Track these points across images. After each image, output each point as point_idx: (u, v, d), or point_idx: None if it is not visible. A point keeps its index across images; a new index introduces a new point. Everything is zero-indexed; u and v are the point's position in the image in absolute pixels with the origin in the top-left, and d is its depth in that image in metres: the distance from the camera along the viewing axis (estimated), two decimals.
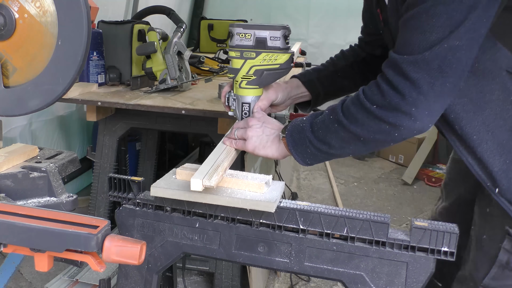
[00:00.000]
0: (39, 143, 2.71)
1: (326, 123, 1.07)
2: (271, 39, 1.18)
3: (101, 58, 2.24)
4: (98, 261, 0.91)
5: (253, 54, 1.20)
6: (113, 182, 1.20)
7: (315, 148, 1.09)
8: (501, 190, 1.04)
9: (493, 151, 1.03)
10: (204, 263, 2.19)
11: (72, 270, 2.19)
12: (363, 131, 1.02)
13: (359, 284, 1.05)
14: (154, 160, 2.97)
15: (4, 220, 0.90)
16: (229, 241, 1.12)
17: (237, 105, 1.28)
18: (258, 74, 1.21)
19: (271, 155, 1.19)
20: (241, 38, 1.20)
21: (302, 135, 1.10)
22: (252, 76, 1.22)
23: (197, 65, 2.77)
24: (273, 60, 1.20)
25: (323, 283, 2.44)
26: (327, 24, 5.10)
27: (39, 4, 1.23)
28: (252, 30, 1.18)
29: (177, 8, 4.58)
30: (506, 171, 1.03)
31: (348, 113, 1.03)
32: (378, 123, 0.99)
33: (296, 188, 3.76)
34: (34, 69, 1.27)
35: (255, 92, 1.26)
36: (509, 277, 1.11)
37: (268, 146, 1.18)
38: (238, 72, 1.23)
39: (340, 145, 1.07)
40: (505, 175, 1.03)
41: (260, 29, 1.18)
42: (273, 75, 1.23)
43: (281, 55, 1.20)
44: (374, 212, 1.06)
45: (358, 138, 1.03)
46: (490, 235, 1.12)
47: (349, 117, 1.03)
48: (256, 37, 1.18)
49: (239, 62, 1.22)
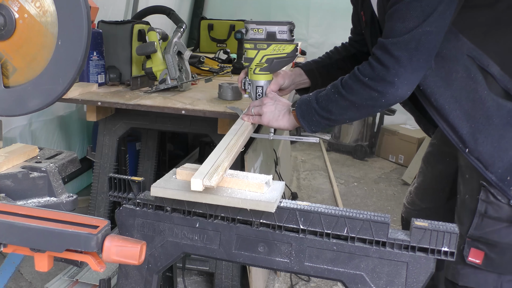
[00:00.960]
0: (39, 143, 2.71)
1: (329, 95, 1.33)
2: (279, 33, 1.45)
3: (101, 58, 2.24)
4: (98, 261, 0.91)
5: (265, 46, 1.46)
6: (113, 182, 1.20)
7: (319, 116, 1.35)
8: (470, 149, 1.29)
9: (461, 117, 1.29)
10: (204, 263, 2.19)
11: (72, 270, 2.19)
12: (357, 98, 1.28)
13: (359, 284, 1.05)
14: (154, 160, 2.97)
15: (4, 220, 0.90)
16: (229, 241, 1.12)
17: (251, 88, 1.54)
18: (269, 62, 1.48)
19: (282, 126, 1.44)
20: (255, 32, 1.46)
21: (308, 106, 1.36)
22: (264, 64, 1.49)
23: (197, 65, 2.77)
24: (281, 50, 1.46)
25: (323, 283, 2.44)
26: (327, 24, 5.11)
27: (39, 4, 1.23)
28: (264, 26, 1.45)
29: (177, 8, 4.58)
30: (472, 133, 1.28)
31: (346, 86, 1.30)
32: (369, 91, 1.26)
33: (296, 188, 3.76)
34: (34, 69, 1.27)
35: (266, 77, 1.52)
36: (488, 224, 1.30)
37: (280, 119, 1.43)
38: (252, 61, 1.49)
39: (339, 112, 1.33)
40: (472, 137, 1.28)
41: (270, 25, 1.44)
42: (282, 63, 1.48)
43: (287, 46, 1.46)
44: (374, 212, 1.06)
45: (354, 104, 1.30)
46: (470, 193, 1.34)
47: (346, 89, 1.30)
48: (267, 31, 1.45)
49: (253, 52, 1.48)
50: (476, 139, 1.28)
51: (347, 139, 4.74)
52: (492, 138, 1.27)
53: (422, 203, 1.72)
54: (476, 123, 1.28)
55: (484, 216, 1.30)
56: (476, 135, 1.28)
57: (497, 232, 1.30)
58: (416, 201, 1.74)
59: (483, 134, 1.28)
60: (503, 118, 1.25)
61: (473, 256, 1.33)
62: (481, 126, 1.28)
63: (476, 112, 1.28)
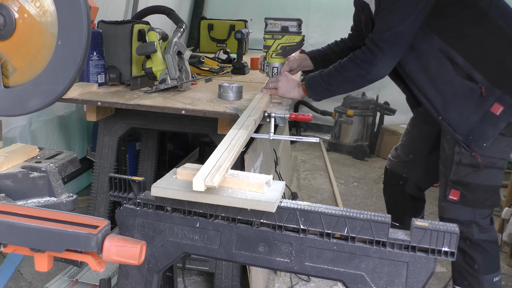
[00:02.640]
0: (39, 143, 2.71)
1: (330, 72, 1.81)
2: (291, 27, 1.98)
3: (101, 58, 2.24)
4: (98, 261, 0.91)
5: (280, 36, 1.99)
6: (113, 182, 1.19)
7: (322, 87, 1.83)
8: (442, 117, 1.77)
9: (435, 94, 1.76)
10: (204, 263, 2.19)
11: (72, 270, 2.19)
12: (350, 75, 1.76)
13: (360, 284, 1.05)
14: (154, 160, 2.97)
15: (4, 220, 0.90)
16: (230, 241, 1.11)
17: (269, 69, 2.05)
18: (283, 49, 2.00)
19: (293, 96, 1.94)
20: (272, 26, 1.99)
21: (314, 80, 1.85)
22: (279, 50, 2.01)
23: (197, 65, 2.77)
24: (292, 40, 1.99)
25: (323, 283, 2.44)
26: (327, 24, 5.11)
27: (39, 4, 1.23)
28: (279, 21, 1.98)
29: (177, 8, 4.58)
30: (443, 105, 1.75)
31: (343, 65, 1.78)
32: (359, 70, 1.74)
33: (296, 188, 3.76)
34: (34, 69, 1.26)
35: (280, 60, 2.04)
36: (462, 170, 1.77)
37: (292, 91, 1.92)
38: (270, 48, 2.01)
39: (337, 84, 1.81)
40: (443, 108, 1.76)
41: (284, 21, 1.98)
42: (292, 49, 2.02)
43: (297, 37, 1.99)
44: (374, 212, 1.06)
45: (348, 79, 1.78)
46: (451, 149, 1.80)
47: (343, 67, 1.77)
48: (281, 25, 1.98)
49: (271, 41, 2.01)
50: (446, 110, 1.75)
51: (347, 139, 4.74)
52: (457, 109, 1.73)
53: (406, 156, 2.14)
54: (446, 98, 1.74)
55: (459, 164, 1.77)
56: (446, 106, 1.75)
57: (468, 176, 1.76)
58: (401, 155, 2.17)
59: (451, 106, 1.74)
60: (465, 94, 1.71)
61: (452, 195, 1.80)
62: (449, 100, 1.74)
63: (446, 89, 1.74)
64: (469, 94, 1.70)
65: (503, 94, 1.67)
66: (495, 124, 1.69)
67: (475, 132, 1.71)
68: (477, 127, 1.70)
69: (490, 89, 1.67)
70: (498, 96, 1.67)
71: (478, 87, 1.68)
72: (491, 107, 1.68)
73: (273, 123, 1.72)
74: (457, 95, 1.71)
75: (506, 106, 1.67)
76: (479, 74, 1.68)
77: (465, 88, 1.70)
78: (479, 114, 1.70)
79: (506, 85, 1.67)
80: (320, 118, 5.31)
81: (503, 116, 1.67)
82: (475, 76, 1.68)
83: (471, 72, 1.69)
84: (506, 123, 1.70)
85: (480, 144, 1.71)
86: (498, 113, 1.67)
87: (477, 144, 1.71)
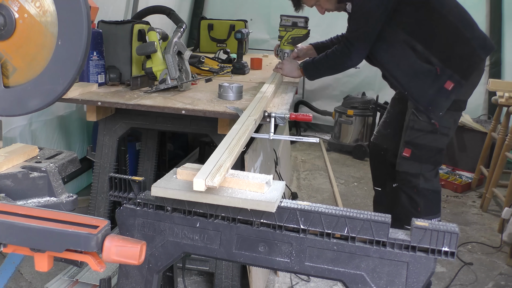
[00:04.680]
0: (39, 143, 2.71)
1: (320, 58, 2.36)
2: (299, 22, 2.62)
3: (101, 58, 2.24)
4: (98, 261, 0.91)
5: (291, 29, 2.62)
6: (113, 181, 1.19)
7: (313, 70, 2.40)
8: (408, 92, 2.21)
9: (401, 75, 2.21)
10: (204, 263, 2.19)
11: (72, 270, 2.19)
12: (332, 62, 2.31)
13: (360, 284, 1.05)
14: (154, 160, 2.97)
15: (4, 220, 0.90)
16: (230, 241, 1.11)
17: (281, 54, 2.67)
18: (292, 39, 2.64)
19: (294, 75, 2.49)
20: (285, 21, 2.63)
21: (309, 64, 2.40)
22: (289, 40, 2.64)
23: (197, 65, 2.77)
24: (300, 32, 2.63)
25: (323, 283, 2.44)
26: (327, 24, 5.09)
27: (39, 4, 1.23)
28: (291, 18, 2.63)
29: (177, 8, 4.58)
30: (407, 83, 2.19)
31: (329, 55, 2.30)
32: (339, 59, 2.27)
33: (296, 188, 3.76)
34: (34, 69, 1.26)
35: (290, 48, 2.67)
36: (413, 133, 2.23)
37: (293, 71, 2.48)
38: (283, 38, 2.64)
39: (324, 69, 2.38)
40: (407, 85, 2.19)
41: (294, 18, 2.62)
42: (299, 40, 2.67)
43: (303, 30, 2.63)
44: (374, 212, 1.06)
45: (331, 65, 2.35)
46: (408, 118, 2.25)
47: (328, 56, 2.30)
48: (292, 21, 2.63)
49: (284, 33, 2.63)
50: (410, 86, 2.19)
51: (347, 139, 4.74)
52: (418, 85, 2.16)
53: (385, 131, 2.56)
54: (409, 77, 2.19)
55: (412, 129, 2.24)
56: (410, 84, 2.19)
57: (418, 138, 2.22)
58: (381, 130, 2.59)
59: (413, 83, 2.18)
60: (424, 73, 2.14)
61: (405, 152, 2.26)
62: (412, 78, 2.18)
63: (409, 71, 2.18)
64: (427, 74, 2.14)
65: (453, 73, 2.11)
66: (447, 96, 2.13)
67: (433, 103, 2.15)
68: (434, 99, 2.14)
69: (443, 69, 2.11)
70: (449, 75, 2.11)
71: (434, 68, 2.12)
72: (444, 83, 2.12)
73: (273, 123, 1.72)
74: (418, 75, 2.16)
75: (455, 83, 2.11)
76: (435, 58, 2.12)
77: (424, 69, 2.14)
78: (435, 89, 2.13)
79: (455, 66, 2.12)
80: (320, 118, 5.31)
81: (454, 90, 2.12)
82: (431, 60, 2.12)
83: (428, 57, 2.13)
84: (455, 97, 2.14)
85: (437, 113, 2.15)
86: (450, 88, 2.12)
87: (435, 113, 2.15)
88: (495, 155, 3.48)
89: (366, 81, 5.02)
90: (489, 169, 3.59)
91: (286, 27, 2.61)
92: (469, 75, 2.14)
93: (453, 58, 2.13)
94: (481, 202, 3.58)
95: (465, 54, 2.14)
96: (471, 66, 2.15)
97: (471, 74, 2.15)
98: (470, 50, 2.14)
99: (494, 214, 3.45)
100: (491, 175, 3.42)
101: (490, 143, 3.73)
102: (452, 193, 3.85)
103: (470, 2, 4.63)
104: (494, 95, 3.51)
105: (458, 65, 2.13)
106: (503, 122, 3.43)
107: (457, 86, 2.11)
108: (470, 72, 2.15)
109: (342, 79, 5.24)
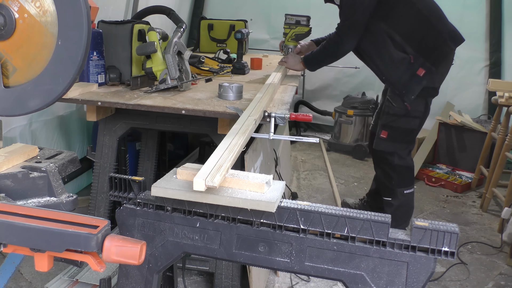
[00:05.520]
0: (39, 143, 2.71)
1: (318, 49, 2.66)
2: (302, 21, 2.94)
3: (101, 58, 2.24)
4: (98, 261, 0.91)
5: (294, 27, 2.94)
6: (113, 181, 1.19)
7: (313, 61, 2.67)
8: (385, 77, 2.58)
9: (380, 62, 2.56)
10: (204, 263, 2.19)
11: (72, 270, 2.19)
12: (328, 51, 2.61)
13: (360, 284, 1.05)
14: (154, 160, 2.96)
15: (4, 220, 0.90)
16: (230, 241, 1.11)
17: (285, 49, 3.01)
18: (296, 35, 2.96)
19: (296, 68, 2.78)
20: (290, 19, 2.95)
21: (309, 57, 2.68)
22: (293, 36, 2.97)
23: (197, 65, 2.77)
24: (302, 30, 2.94)
25: (323, 283, 2.44)
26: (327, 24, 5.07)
27: (39, 4, 1.23)
28: (294, 17, 2.94)
29: (177, 8, 4.58)
30: (386, 69, 2.54)
31: (324, 45, 2.62)
32: (332, 47, 2.59)
33: (296, 188, 3.76)
34: (34, 69, 1.26)
35: (293, 43, 3.00)
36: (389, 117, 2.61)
37: (296, 65, 2.76)
38: (287, 35, 2.97)
39: (322, 57, 2.65)
40: (385, 71, 2.55)
41: (297, 16, 2.94)
42: (302, 36, 2.99)
43: (305, 28, 2.95)
44: (374, 212, 1.06)
45: (327, 54, 2.63)
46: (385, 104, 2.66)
47: (324, 46, 2.61)
48: (295, 20, 2.94)
49: (288, 30, 2.96)
50: (387, 72, 2.56)
51: (347, 139, 4.74)
52: (394, 71, 2.51)
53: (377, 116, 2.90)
54: (387, 64, 2.53)
55: (387, 114, 2.63)
56: (387, 70, 2.55)
57: (392, 121, 2.61)
58: (376, 119, 2.89)
59: (390, 70, 2.53)
60: (400, 61, 2.48)
61: (383, 134, 2.65)
62: (389, 66, 2.53)
63: (387, 58, 2.52)
64: (402, 61, 2.47)
65: (425, 61, 2.43)
66: (419, 82, 2.45)
67: (406, 87, 2.48)
68: (407, 84, 2.47)
69: (416, 58, 2.43)
70: (421, 63, 2.43)
71: (408, 57, 2.45)
72: (417, 70, 2.44)
73: (273, 123, 1.72)
74: (394, 62, 2.49)
75: (426, 70, 2.44)
76: (410, 48, 2.44)
77: (399, 57, 2.47)
78: (409, 75, 2.46)
79: (427, 55, 2.44)
80: (320, 118, 5.31)
81: (425, 77, 2.44)
82: (406, 49, 2.45)
83: (404, 46, 2.46)
84: (426, 82, 2.46)
85: (409, 96, 2.48)
86: (422, 75, 2.44)
87: (408, 96, 2.49)
88: (495, 155, 3.48)
89: (366, 81, 5.02)
90: (489, 169, 3.58)
91: (290, 25, 2.93)
92: (438, 63, 2.46)
93: (425, 48, 2.44)
94: (481, 202, 3.58)
95: (436, 45, 2.46)
96: (441, 55, 2.48)
97: (440, 63, 2.47)
98: (441, 42, 2.46)
99: (494, 214, 3.45)
100: (491, 175, 3.42)
101: (490, 143, 3.73)
102: (452, 193, 3.85)
103: (470, 2, 4.65)
104: (494, 95, 3.51)
105: (429, 54, 2.44)
106: (503, 122, 3.43)
107: (428, 73, 2.43)
108: (439, 61, 2.47)
109: (342, 79, 5.24)
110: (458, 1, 4.63)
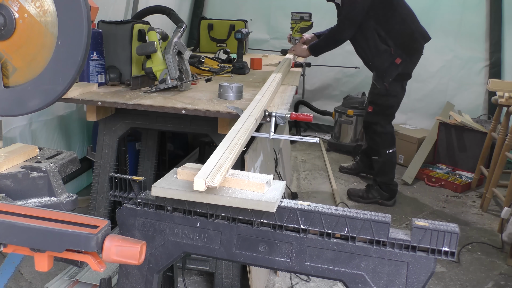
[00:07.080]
0: (39, 143, 2.71)
1: (321, 38, 3.53)
2: (305, 17, 3.66)
3: (101, 58, 2.24)
4: (98, 261, 0.90)
5: (299, 22, 3.66)
6: (114, 181, 1.19)
7: (316, 48, 3.45)
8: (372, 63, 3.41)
9: (368, 53, 3.36)
10: (204, 263, 2.19)
11: (72, 270, 2.19)
12: (330, 39, 3.45)
13: (360, 284, 1.05)
14: (154, 160, 2.96)
15: (4, 220, 0.90)
16: (230, 241, 1.11)
17: (293, 40, 3.69)
18: (301, 29, 3.66)
19: (303, 55, 3.48)
20: (295, 16, 3.65)
21: (313, 45, 3.47)
22: (298, 29, 3.67)
23: (197, 65, 2.77)
24: (306, 24, 3.65)
25: (323, 283, 2.44)
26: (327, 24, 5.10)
27: (39, 4, 1.23)
28: (299, 14, 3.66)
29: (177, 8, 4.58)
30: (371, 58, 3.36)
31: (326, 34, 3.54)
32: (334, 35, 3.43)
33: (296, 188, 3.76)
34: (34, 69, 1.26)
35: (299, 35, 3.68)
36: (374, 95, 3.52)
37: (302, 52, 3.46)
38: (294, 29, 3.66)
39: (325, 44, 3.45)
40: (371, 60, 3.38)
41: (301, 13, 3.66)
42: (306, 29, 3.68)
43: (308, 22, 3.66)
44: (374, 212, 1.06)
45: (330, 41, 3.44)
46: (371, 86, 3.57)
47: (327, 34, 3.50)
48: (300, 16, 3.65)
49: (294, 25, 3.66)
50: (373, 60, 3.33)
51: (347, 139, 4.74)
52: (378, 60, 3.30)
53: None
54: (373, 53, 3.30)
55: (372, 93, 3.50)
56: (373, 58, 3.32)
57: (376, 99, 3.44)
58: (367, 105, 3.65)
59: (375, 59, 3.31)
60: (383, 52, 3.25)
61: (369, 109, 3.47)
62: (375, 55, 3.30)
63: (373, 49, 3.28)
64: (385, 52, 3.25)
65: (402, 53, 3.23)
66: (396, 68, 3.26)
67: (386, 72, 3.28)
68: (387, 69, 3.28)
69: (396, 49, 3.22)
70: (399, 54, 3.22)
71: (389, 49, 3.23)
72: (395, 59, 3.23)
73: (274, 123, 1.72)
74: (379, 53, 3.27)
75: (402, 59, 3.23)
76: (391, 41, 3.22)
77: (383, 48, 3.25)
78: (389, 62, 3.25)
79: (403, 48, 3.23)
80: (320, 118, 5.31)
81: (401, 64, 3.25)
82: (388, 42, 3.23)
83: (387, 40, 3.23)
84: (402, 69, 3.26)
85: (388, 78, 3.29)
86: (398, 63, 3.24)
87: (387, 78, 3.29)
88: (495, 155, 3.48)
89: (366, 81, 5.00)
90: (489, 169, 3.58)
91: (296, 21, 3.63)
92: (412, 55, 3.29)
93: (403, 43, 3.23)
94: (481, 202, 3.58)
95: (411, 41, 3.27)
96: (413, 49, 3.30)
97: (413, 54, 3.31)
98: (414, 39, 3.27)
99: (494, 214, 3.45)
100: (491, 175, 3.42)
101: (490, 143, 3.73)
102: (452, 193, 3.85)
103: (470, 2, 4.65)
104: (494, 95, 3.51)
105: (405, 48, 3.24)
106: (503, 122, 3.43)
107: (403, 62, 3.25)
108: (412, 53, 3.29)
109: (342, 79, 5.24)
110: (458, 1, 4.63)
